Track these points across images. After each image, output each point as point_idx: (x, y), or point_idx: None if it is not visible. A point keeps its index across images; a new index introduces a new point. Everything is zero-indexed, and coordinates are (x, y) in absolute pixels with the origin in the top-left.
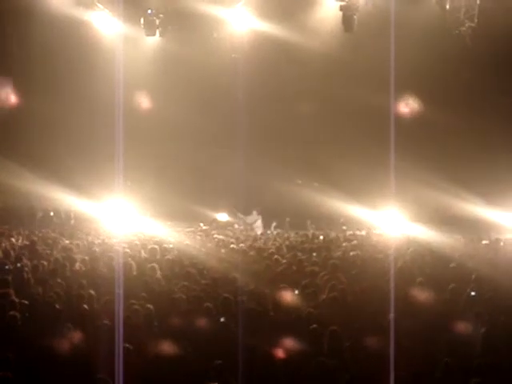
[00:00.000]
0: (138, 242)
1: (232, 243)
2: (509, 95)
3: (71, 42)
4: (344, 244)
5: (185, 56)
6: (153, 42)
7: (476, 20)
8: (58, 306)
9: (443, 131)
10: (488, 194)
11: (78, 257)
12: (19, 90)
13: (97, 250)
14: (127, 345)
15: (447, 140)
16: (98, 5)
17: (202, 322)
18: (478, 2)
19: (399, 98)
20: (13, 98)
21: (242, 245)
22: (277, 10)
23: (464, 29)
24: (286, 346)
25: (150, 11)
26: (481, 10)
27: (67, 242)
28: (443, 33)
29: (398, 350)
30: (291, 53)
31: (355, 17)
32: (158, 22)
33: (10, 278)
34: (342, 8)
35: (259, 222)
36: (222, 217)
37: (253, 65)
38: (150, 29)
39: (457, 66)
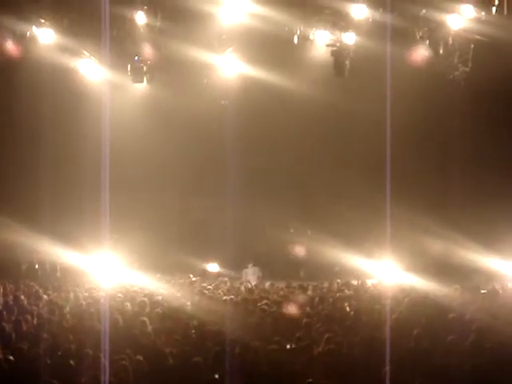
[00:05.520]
0: (126, 295)
1: (223, 295)
2: (504, 141)
3: (57, 89)
4: (338, 294)
5: (173, 103)
6: (140, 88)
7: (470, 64)
8: (43, 362)
9: (439, 178)
10: (485, 242)
11: (65, 310)
12: (5, 136)
13: (83, 303)
14: None
15: (443, 187)
16: (85, 52)
17: (192, 377)
18: (471, 46)
19: (393, 142)
20: None
21: (233, 297)
22: (266, 56)
23: (458, 73)
24: None
25: (137, 58)
26: (475, 55)
27: (53, 295)
28: (437, 77)
29: None
30: (281, 98)
31: (347, 62)
32: (145, 68)
33: None
34: (333, 53)
35: (253, 273)
36: (213, 268)
37: (242, 111)
38: (137, 76)
39: (451, 111)
